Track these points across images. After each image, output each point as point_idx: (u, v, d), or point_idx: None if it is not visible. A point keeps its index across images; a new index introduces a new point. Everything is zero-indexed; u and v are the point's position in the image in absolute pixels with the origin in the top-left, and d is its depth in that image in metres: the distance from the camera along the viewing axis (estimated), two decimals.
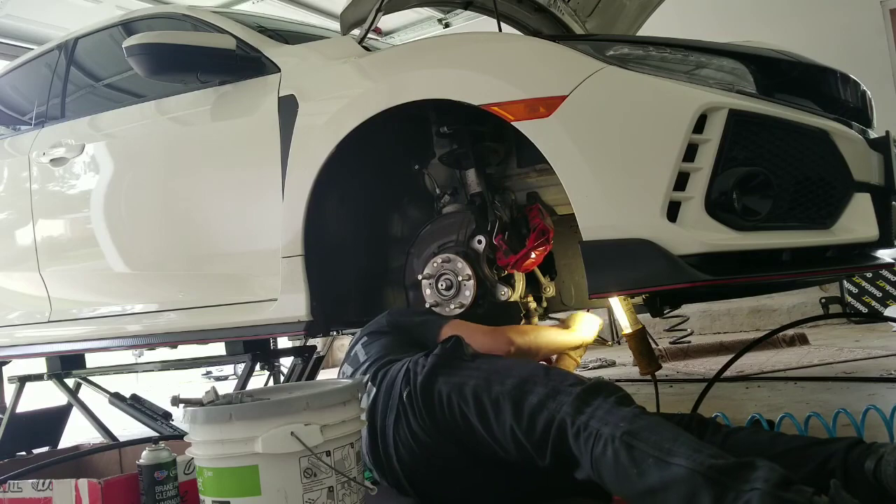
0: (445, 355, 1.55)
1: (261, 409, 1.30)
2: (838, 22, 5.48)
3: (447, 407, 1.49)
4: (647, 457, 1.21)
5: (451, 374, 1.51)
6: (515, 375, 1.46)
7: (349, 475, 1.32)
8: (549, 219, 2.12)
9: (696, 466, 1.15)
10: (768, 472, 1.11)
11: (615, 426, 1.26)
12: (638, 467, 1.21)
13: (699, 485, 1.14)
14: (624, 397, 1.35)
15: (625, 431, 1.25)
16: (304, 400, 1.31)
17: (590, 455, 1.28)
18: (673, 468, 1.17)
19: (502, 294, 2.03)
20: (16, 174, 2.96)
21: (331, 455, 1.30)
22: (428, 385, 1.51)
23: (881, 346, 3.66)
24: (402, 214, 2.36)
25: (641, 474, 1.21)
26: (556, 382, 1.41)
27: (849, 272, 2.47)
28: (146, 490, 1.51)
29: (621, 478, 1.24)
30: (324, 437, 1.28)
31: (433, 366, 1.53)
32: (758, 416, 1.79)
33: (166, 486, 1.52)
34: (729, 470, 1.13)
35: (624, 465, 1.23)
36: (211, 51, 2.30)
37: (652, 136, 1.66)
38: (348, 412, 1.37)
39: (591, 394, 1.35)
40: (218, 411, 1.30)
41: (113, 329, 2.69)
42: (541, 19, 2.96)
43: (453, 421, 1.48)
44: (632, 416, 1.28)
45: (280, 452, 1.26)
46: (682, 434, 1.24)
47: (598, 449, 1.27)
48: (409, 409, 1.53)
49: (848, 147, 1.75)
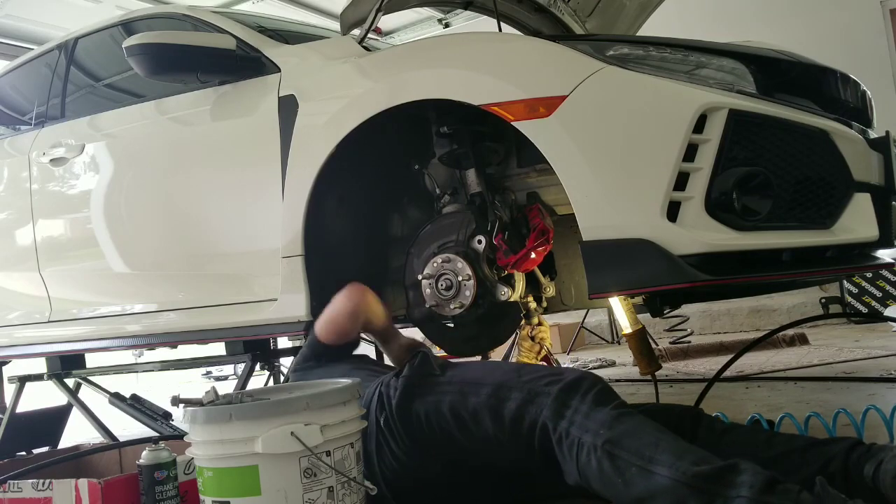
0: (415, 375, 1.53)
1: (261, 409, 1.30)
2: (838, 22, 5.48)
3: (427, 427, 1.47)
4: (630, 466, 1.20)
5: (425, 394, 1.49)
6: (489, 383, 1.44)
7: (349, 475, 1.31)
8: (548, 219, 2.12)
9: (678, 476, 1.14)
10: (753, 476, 1.10)
11: (595, 434, 1.26)
12: (622, 477, 1.21)
13: (684, 495, 1.13)
14: (602, 391, 1.34)
15: (606, 440, 1.24)
16: (304, 400, 1.30)
17: (575, 463, 1.28)
18: (656, 478, 1.17)
19: (502, 294, 2.03)
20: (16, 174, 2.96)
21: (331, 455, 1.29)
22: (404, 408, 1.49)
23: (881, 346, 3.66)
24: (402, 214, 2.36)
25: (627, 484, 1.20)
26: (531, 384, 1.39)
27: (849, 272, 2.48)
28: (146, 490, 1.51)
29: (608, 487, 1.24)
30: (324, 437, 1.28)
31: (405, 388, 1.51)
32: (758, 416, 1.79)
33: (166, 486, 1.52)
34: (713, 477, 1.12)
35: (609, 475, 1.22)
36: (211, 51, 2.30)
37: (652, 135, 1.66)
38: (348, 412, 1.37)
39: (569, 393, 1.33)
40: (218, 411, 1.30)
41: (113, 329, 2.69)
42: (541, 19, 2.96)
43: (435, 439, 1.47)
44: (611, 421, 1.27)
45: (280, 452, 1.25)
46: (664, 437, 1.23)
47: (582, 458, 1.26)
48: (388, 435, 1.51)
49: (848, 147, 1.75)
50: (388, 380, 1.57)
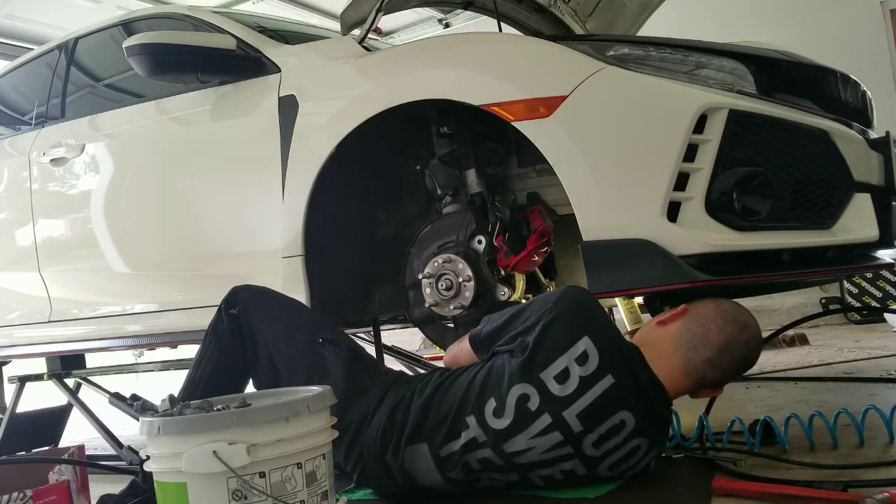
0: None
1: (184, 424, 1.20)
2: (838, 22, 5.48)
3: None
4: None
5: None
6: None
7: (288, 500, 1.18)
8: (549, 220, 2.12)
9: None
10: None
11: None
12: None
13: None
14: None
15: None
16: (229, 416, 1.19)
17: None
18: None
19: (502, 294, 2.03)
20: (16, 174, 2.96)
21: (265, 477, 1.17)
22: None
23: (881, 346, 3.66)
24: (403, 214, 2.36)
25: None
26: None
27: (849, 272, 2.47)
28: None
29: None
30: (253, 457, 1.15)
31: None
32: (768, 419, 1.78)
33: None
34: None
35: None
36: (211, 51, 2.30)
37: (652, 136, 1.66)
38: (291, 430, 1.21)
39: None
40: (149, 424, 1.22)
41: (113, 329, 2.69)
42: (541, 19, 2.96)
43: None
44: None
45: (203, 472, 1.15)
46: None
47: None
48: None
49: (848, 147, 1.75)
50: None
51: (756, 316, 1.56)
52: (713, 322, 1.51)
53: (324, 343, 1.69)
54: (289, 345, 1.70)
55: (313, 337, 1.71)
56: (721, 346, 1.49)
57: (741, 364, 1.52)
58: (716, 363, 1.49)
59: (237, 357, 1.75)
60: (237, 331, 1.74)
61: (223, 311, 1.77)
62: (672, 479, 1.59)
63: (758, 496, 1.43)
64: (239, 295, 1.79)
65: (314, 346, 1.69)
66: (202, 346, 1.78)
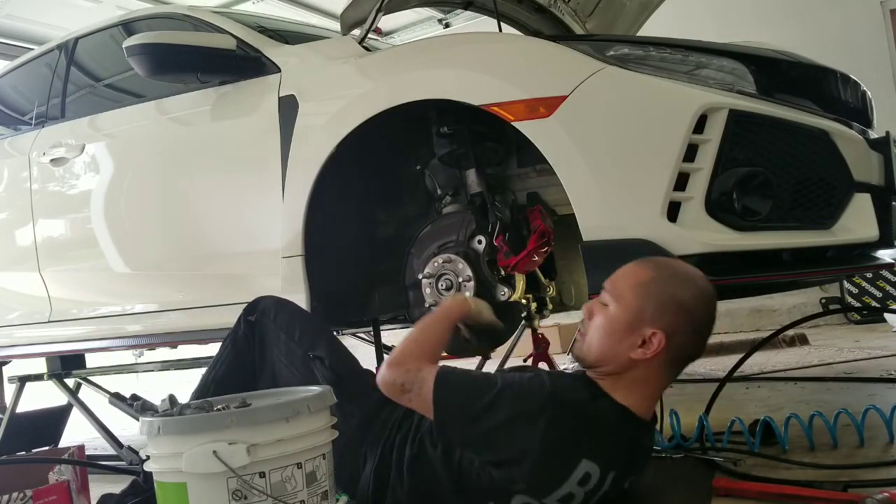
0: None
1: (184, 424, 1.20)
2: (838, 22, 5.47)
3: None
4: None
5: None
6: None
7: (288, 500, 1.18)
8: (549, 220, 2.12)
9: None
10: None
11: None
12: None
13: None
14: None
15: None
16: (229, 416, 1.20)
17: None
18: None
19: (502, 294, 2.03)
20: (16, 174, 2.96)
21: (265, 477, 1.17)
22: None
23: (881, 346, 3.66)
24: (403, 214, 2.36)
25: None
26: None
27: (849, 272, 2.48)
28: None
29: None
30: (253, 457, 1.16)
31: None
32: (768, 419, 1.78)
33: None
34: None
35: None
36: (211, 51, 2.30)
37: (652, 136, 1.66)
38: (291, 430, 1.21)
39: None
40: (149, 424, 1.22)
41: (113, 329, 2.69)
42: (541, 19, 2.96)
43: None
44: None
45: (203, 472, 1.15)
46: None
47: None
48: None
49: (848, 147, 1.75)
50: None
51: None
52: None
53: (314, 359, 1.70)
54: (287, 357, 1.72)
55: (308, 352, 1.71)
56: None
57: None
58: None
59: (248, 363, 1.77)
60: (252, 337, 1.77)
61: (243, 318, 1.80)
62: (672, 479, 1.59)
63: (758, 496, 1.43)
64: (260, 303, 1.82)
65: (307, 362, 1.70)
66: (220, 348, 1.82)
